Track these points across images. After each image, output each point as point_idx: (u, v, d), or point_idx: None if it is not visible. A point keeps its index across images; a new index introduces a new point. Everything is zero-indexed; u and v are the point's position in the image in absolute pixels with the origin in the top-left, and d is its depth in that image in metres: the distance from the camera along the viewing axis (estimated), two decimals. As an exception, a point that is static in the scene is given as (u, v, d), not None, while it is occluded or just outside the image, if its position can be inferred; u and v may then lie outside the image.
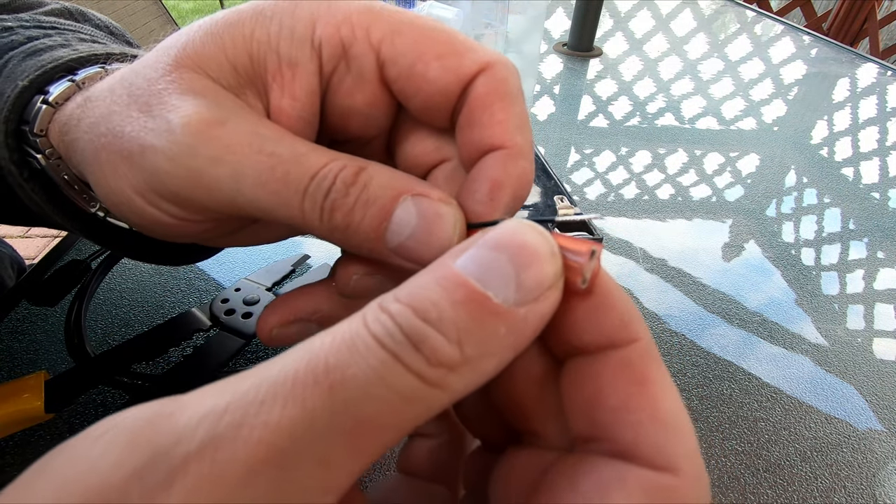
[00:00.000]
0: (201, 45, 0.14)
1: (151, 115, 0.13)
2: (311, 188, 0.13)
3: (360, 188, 0.13)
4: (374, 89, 0.15)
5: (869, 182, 0.57)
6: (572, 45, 0.85)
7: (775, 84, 0.80)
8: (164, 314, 0.34)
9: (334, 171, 0.13)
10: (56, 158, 0.17)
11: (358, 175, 0.13)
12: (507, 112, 0.14)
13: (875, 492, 0.28)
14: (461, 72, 0.14)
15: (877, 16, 1.79)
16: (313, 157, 0.13)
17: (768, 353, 0.36)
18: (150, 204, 0.14)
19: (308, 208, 0.13)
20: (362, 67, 0.14)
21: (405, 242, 0.13)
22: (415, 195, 0.13)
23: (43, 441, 0.27)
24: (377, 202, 0.13)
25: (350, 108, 0.15)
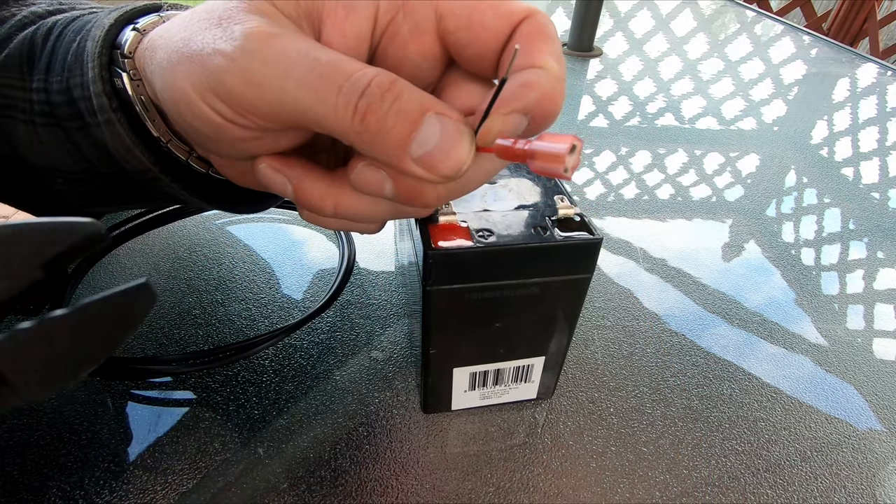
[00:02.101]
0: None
1: (221, 27, 0.15)
2: (346, 87, 0.14)
3: (394, 96, 0.14)
4: (429, 40, 0.17)
5: (869, 182, 0.57)
6: (572, 45, 0.85)
7: (775, 84, 0.80)
8: (164, 313, 0.34)
9: (369, 76, 0.14)
10: (137, 79, 0.19)
11: (393, 84, 0.14)
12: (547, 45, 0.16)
13: (875, 492, 0.28)
14: (512, 17, 0.16)
15: (877, 16, 1.79)
16: (349, 63, 0.15)
17: (768, 353, 0.36)
18: (205, 101, 0.16)
19: (342, 105, 0.14)
20: (420, 19, 0.16)
21: (428, 153, 0.15)
22: (438, 113, 0.15)
23: (43, 441, 0.27)
24: (408, 113, 0.14)
25: (403, 58, 0.17)
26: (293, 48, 0.15)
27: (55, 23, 0.22)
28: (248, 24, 0.15)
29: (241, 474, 0.26)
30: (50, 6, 0.24)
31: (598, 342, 0.35)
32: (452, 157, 0.15)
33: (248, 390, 0.30)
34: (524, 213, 0.24)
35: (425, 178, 0.15)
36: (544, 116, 0.16)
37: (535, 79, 0.15)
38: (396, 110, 0.14)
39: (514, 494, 0.27)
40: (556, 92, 0.16)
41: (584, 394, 0.32)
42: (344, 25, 0.16)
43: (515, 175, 0.27)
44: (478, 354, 0.27)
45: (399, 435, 0.29)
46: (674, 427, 0.30)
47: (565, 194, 0.26)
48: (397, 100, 0.14)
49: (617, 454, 0.29)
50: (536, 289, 0.24)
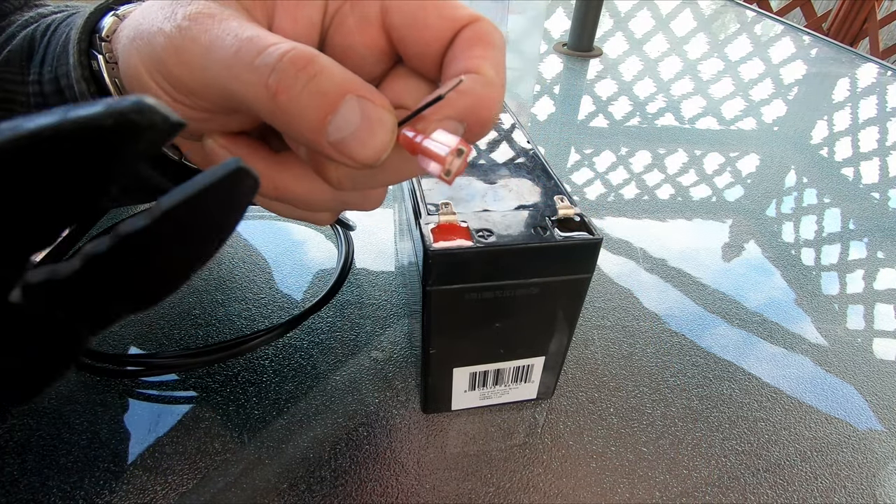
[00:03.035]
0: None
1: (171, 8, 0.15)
2: (258, 62, 0.13)
3: (309, 75, 0.13)
4: (375, 33, 0.16)
5: (869, 182, 0.57)
6: (572, 45, 0.85)
7: (775, 84, 0.80)
8: (164, 314, 0.34)
9: (282, 49, 0.13)
10: (112, 62, 0.19)
11: (309, 62, 0.13)
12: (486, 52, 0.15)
13: (875, 492, 0.28)
14: (455, 21, 0.16)
15: (877, 16, 1.79)
16: (268, 37, 0.14)
17: (768, 353, 0.36)
18: (153, 80, 0.16)
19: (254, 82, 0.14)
20: (366, 11, 0.16)
21: (345, 139, 0.14)
22: (360, 96, 0.14)
23: (43, 441, 0.27)
24: (325, 94, 0.13)
25: (349, 48, 0.17)
26: (221, 27, 0.14)
27: (53, 20, 0.23)
28: (192, 6, 0.15)
29: (241, 474, 0.26)
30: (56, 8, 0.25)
31: (598, 342, 0.35)
32: (370, 145, 0.14)
33: (248, 390, 0.30)
34: (524, 214, 0.24)
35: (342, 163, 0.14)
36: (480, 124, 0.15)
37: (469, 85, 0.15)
38: (312, 90, 0.13)
39: (514, 494, 0.27)
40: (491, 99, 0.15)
41: (584, 394, 0.32)
42: (295, 11, 0.16)
43: (515, 175, 0.27)
44: (478, 354, 0.27)
45: (399, 435, 0.29)
46: (674, 427, 0.30)
47: (565, 194, 0.26)
48: (314, 79, 0.13)
49: (617, 454, 0.29)
50: (536, 289, 0.24)
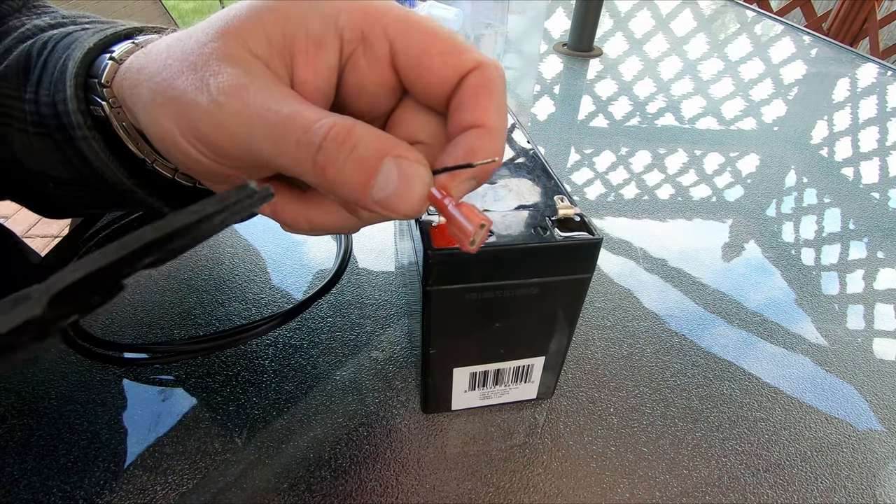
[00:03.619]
0: (245, 20, 0.17)
1: (197, 74, 0.16)
2: (304, 140, 0.15)
3: (349, 148, 0.15)
4: (385, 72, 0.18)
5: (869, 182, 0.57)
6: (572, 45, 0.85)
7: (775, 84, 0.80)
8: (164, 313, 0.34)
9: (325, 128, 0.15)
10: (117, 107, 0.20)
11: (348, 135, 0.15)
12: (489, 101, 0.17)
13: (875, 492, 0.28)
14: (459, 67, 0.17)
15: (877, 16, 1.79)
16: (306, 113, 0.15)
17: (768, 353, 0.36)
18: (190, 144, 0.17)
19: (302, 158, 0.15)
20: (377, 53, 0.17)
21: (388, 197, 0.15)
22: (396, 156, 0.15)
23: (43, 441, 0.27)
24: (365, 161, 0.15)
25: (361, 86, 0.18)
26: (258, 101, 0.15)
27: (50, 37, 0.23)
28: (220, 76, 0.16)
29: (241, 474, 0.26)
30: (53, 19, 0.25)
31: (598, 342, 0.35)
32: (409, 199, 0.16)
33: (249, 390, 0.30)
34: (524, 214, 0.24)
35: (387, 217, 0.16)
36: (486, 174, 0.18)
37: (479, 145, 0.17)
38: (354, 160, 0.15)
39: (514, 494, 0.27)
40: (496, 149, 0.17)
41: (585, 394, 0.32)
42: (315, 61, 0.17)
43: (515, 175, 0.27)
44: (478, 354, 0.27)
45: (399, 435, 0.29)
46: (674, 427, 0.30)
47: (565, 194, 0.26)
48: (354, 149, 0.15)
49: (617, 454, 0.29)
50: (536, 289, 0.24)
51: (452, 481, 0.27)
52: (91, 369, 0.31)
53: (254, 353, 0.32)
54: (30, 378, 0.30)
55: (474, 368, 0.27)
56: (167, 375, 0.31)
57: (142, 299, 0.35)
